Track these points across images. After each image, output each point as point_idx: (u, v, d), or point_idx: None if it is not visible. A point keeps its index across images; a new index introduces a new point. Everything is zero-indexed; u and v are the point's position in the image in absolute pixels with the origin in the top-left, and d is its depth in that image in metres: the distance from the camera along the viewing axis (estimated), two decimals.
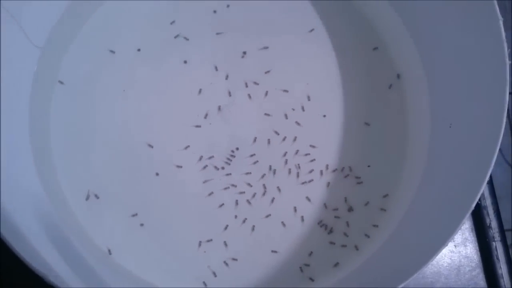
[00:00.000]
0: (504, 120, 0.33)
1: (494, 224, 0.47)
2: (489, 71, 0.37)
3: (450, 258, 0.47)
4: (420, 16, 0.46)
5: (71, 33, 0.47)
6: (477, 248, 0.47)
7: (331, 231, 0.46)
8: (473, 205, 0.33)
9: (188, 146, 0.47)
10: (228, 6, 0.50)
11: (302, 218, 0.46)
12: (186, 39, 0.49)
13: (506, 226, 0.48)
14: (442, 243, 0.34)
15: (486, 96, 0.37)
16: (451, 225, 0.34)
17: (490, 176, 0.47)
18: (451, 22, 0.43)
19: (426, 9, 0.45)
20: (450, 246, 0.48)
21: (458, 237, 0.48)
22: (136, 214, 0.45)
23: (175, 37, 0.49)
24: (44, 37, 0.44)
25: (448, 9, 0.43)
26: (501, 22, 0.35)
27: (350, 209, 0.46)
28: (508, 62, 0.35)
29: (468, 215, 0.33)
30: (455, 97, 0.42)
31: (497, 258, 0.46)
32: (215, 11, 0.50)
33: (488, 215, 0.47)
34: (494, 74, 0.36)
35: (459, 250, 0.47)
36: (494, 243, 0.47)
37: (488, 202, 0.48)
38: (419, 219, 0.42)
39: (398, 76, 0.49)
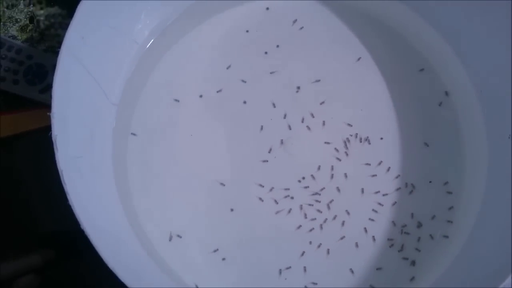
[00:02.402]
0: None
1: None
2: None
3: None
4: (462, 33, 0.49)
5: (139, 88, 0.51)
6: None
7: (402, 248, 0.48)
8: None
9: (257, 180, 0.50)
10: (277, 46, 0.53)
11: (374, 238, 0.48)
12: (244, 81, 0.52)
13: None
14: None
15: None
16: None
17: None
18: (492, 36, 0.46)
19: (466, 26, 0.48)
20: None
21: None
22: (217, 250, 0.48)
23: (233, 80, 0.52)
24: (119, 95, 0.48)
25: (488, 25, 0.46)
26: None
27: (419, 225, 0.49)
28: None
29: None
30: (508, 108, 0.45)
31: None
32: (266, 52, 0.53)
33: None
34: None
35: None
36: None
37: None
38: (487, 231, 0.44)
39: (446, 93, 0.52)
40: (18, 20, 0.58)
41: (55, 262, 0.46)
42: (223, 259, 0.48)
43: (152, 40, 0.51)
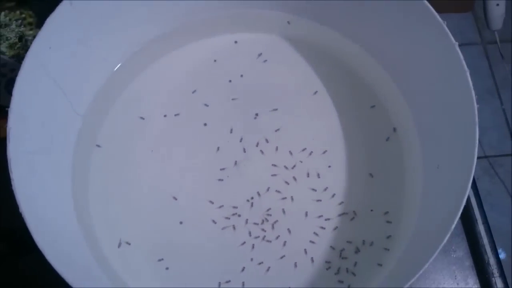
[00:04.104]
0: (475, 155, 0.39)
1: (492, 261, 0.51)
2: (462, 117, 0.43)
3: None
4: (410, 78, 0.53)
5: (108, 103, 0.55)
6: (478, 284, 0.50)
7: (338, 271, 0.50)
8: (452, 225, 0.38)
9: (208, 197, 0.53)
10: (241, 75, 0.58)
11: (312, 259, 0.51)
12: (206, 105, 0.56)
13: None
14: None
15: (463, 141, 0.43)
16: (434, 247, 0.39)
17: (486, 217, 0.52)
18: (432, 82, 0.50)
19: (415, 73, 0.52)
20: (452, 284, 0.51)
21: (459, 275, 0.51)
22: (162, 259, 0.50)
23: (196, 103, 0.56)
24: (86, 107, 0.52)
25: (430, 72, 0.50)
26: (467, 74, 0.42)
27: (357, 250, 0.51)
28: (476, 107, 0.41)
29: (446, 238, 0.38)
30: (440, 143, 0.48)
31: None
32: (230, 81, 0.57)
33: (486, 253, 0.51)
34: (467, 121, 0.42)
35: (461, 286, 0.50)
36: (493, 278, 0.50)
37: (485, 241, 0.52)
38: (415, 253, 0.46)
39: (394, 129, 0.55)
40: (8, 38, 0.63)
41: (5, 257, 0.49)
42: (167, 268, 0.50)
43: (125, 61, 0.55)
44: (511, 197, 1.22)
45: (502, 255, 1.16)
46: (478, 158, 0.40)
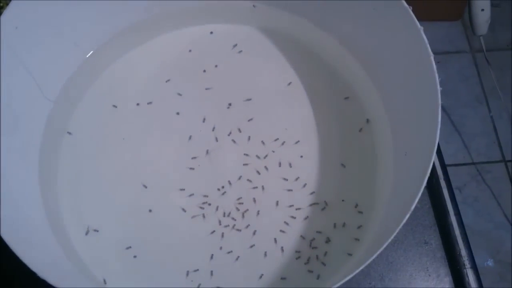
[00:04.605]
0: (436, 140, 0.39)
1: (464, 252, 0.50)
2: (427, 101, 0.43)
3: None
4: (382, 69, 0.53)
5: (80, 90, 0.55)
6: (450, 275, 0.50)
7: (308, 261, 0.49)
8: (412, 207, 0.38)
9: (178, 185, 0.52)
10: (216, 66, 0.57)
11: (282, 249, 0.50)
12: (180, 94, 0.56)
13: None
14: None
15: (427, 125, 0.43)
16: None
17: (458, 209, 0.51)
18: (401, 71, 0.50)
19: (386, 63, 0.52)
20: (424, 276, 0.50)
21: (431, 267, 0.51)
22: (130, 247, 0.50)
23: (169, 92, 0.56)
24: (56, 92, 0.52)
25: (399, 60, 0.50)
26: (432, 58, 0.42)
27: (327, 240, 0.50)
28: (439, 90, 0.41)
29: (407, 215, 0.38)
30: (408, 130, 0.48)
31: (469, 284, 0.49)
32: (204, 71, 0.57)
33: (458, 244, 0.50)
34: (431, 104, 0.42)
35: (433, 277, 0.50)
36: (465, 270, 0.49)
37: (457, 232, 0.51)
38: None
39: (367, 120, 0.55)
40: None
41: None
42: (135, 256, 0.50)
43: (98, 48, 0.55)
44: (498, 203, 1.22)
45: (489, 263, 1.15)
46: (466, 164, 0.40)
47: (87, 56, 0.54)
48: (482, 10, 0.86)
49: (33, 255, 0.40)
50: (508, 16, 1.38)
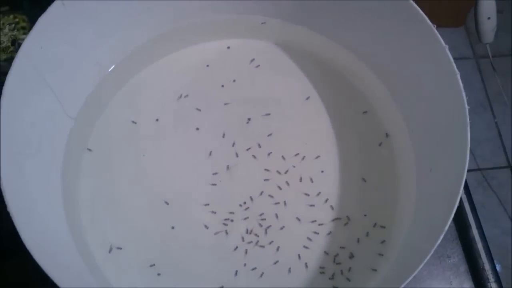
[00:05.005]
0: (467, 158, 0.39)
1: (487, 266, 0.50)
2: (454, 119, 0.43)
3: None
4: (402, 83, 0.53)
5: (100, 107, 0.55)
6: None
7: (333, 276, 0.49)
8: (445, 227, 0.38)
9: (201, 201, 0.52)
10: (234, 80, 0.57)
11: (306, 265, 0.50)
12: (198, 109, 0.56)
13: None
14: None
15: (454, 143, 0.43)
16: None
17: (480, 222, 0.51)
18: (424, 86, 0.50)
19: (406, 78, 0.52)
20: None
21: (455, 281, 0.51)
22: (154, 265, 0.50)
23: (188, 108, 0.56)
24: (77, 110, 0.52)
25: (421, 76, 0.50)
26: (458, 76, 0.42)
27: (351, 256, 0.50)
28: (467, 108, 0.41)
29: (441, 236, 0.37)
30: (433, 146, 0.48)
31: None
32: (222, 86, 0.57)
33: (481, 258, 0.50)
34: (458, 123, 0.42)
35: None
36: (489, 284, 0.49)
37: (480, 246, 0.51)
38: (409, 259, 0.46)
39: (387, 134, 0.55)
40: (2, 42, 0.62)
41: None
42: (159, 274, 0.49)
43: (116, 65, 0.55)
44: (504, 209, 1.22)
45: (497, 268, 1.15)
46: (472, 170, 0.40)
47: (107, 72, 0.54)
48: (489, 18, 0.86)
49: (59, 270, 0.40)
50: (509, 22, 1.38)
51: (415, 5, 0.45)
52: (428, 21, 0.45)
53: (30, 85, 0.44)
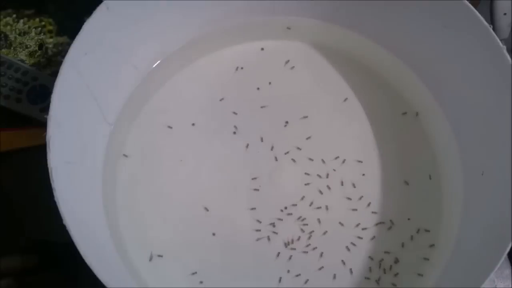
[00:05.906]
0: None
1: None
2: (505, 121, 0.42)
3: None
4: (445, 84, 0.52)
5: (135, 112, 0.54)
6: None
7: (378, 282, 0.49)
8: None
9: (241, 207, 0.51)
10: (270, 83, 0.56)
11: (351, 270, 0.49)
12: (235, 113, 0.55)
13: None
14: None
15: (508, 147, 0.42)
16: (491, 266, 0.38)
17: None
18: (472, 89, 0.49)
19: (450, 79, 0.51)
20: None
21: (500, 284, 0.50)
22: (196, 272, 0.49)
23: (225, 111, 0.55)
24: (115, 115, 0.51)
25: (469, 78, 0.49)
26: None
27: (396, 261, 0.49)
28: None
29: (506, 252, 0.37)
30: (482, 149, 0.47)
31: None
32: (258, 88, 0.56)
33: None
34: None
35: None
36: None
37: None
38: (461, 266, 0.45)
39: (428, 136, 0.54)
40: (28, 46, 0.61)
41: (36, 269, 0.47)
42: (201, 282, 0.49)
43: (152, 68, 0.54)
44: None
45: None
46: None
47: (143, 77, 0.53)
48: (505, 14, 0.86)
49: (103, 269, 0.39)
50: None
51: (469, 5, 0.44)
52: (483, 20, 0.44)
53: (75, 91, 0.43)
